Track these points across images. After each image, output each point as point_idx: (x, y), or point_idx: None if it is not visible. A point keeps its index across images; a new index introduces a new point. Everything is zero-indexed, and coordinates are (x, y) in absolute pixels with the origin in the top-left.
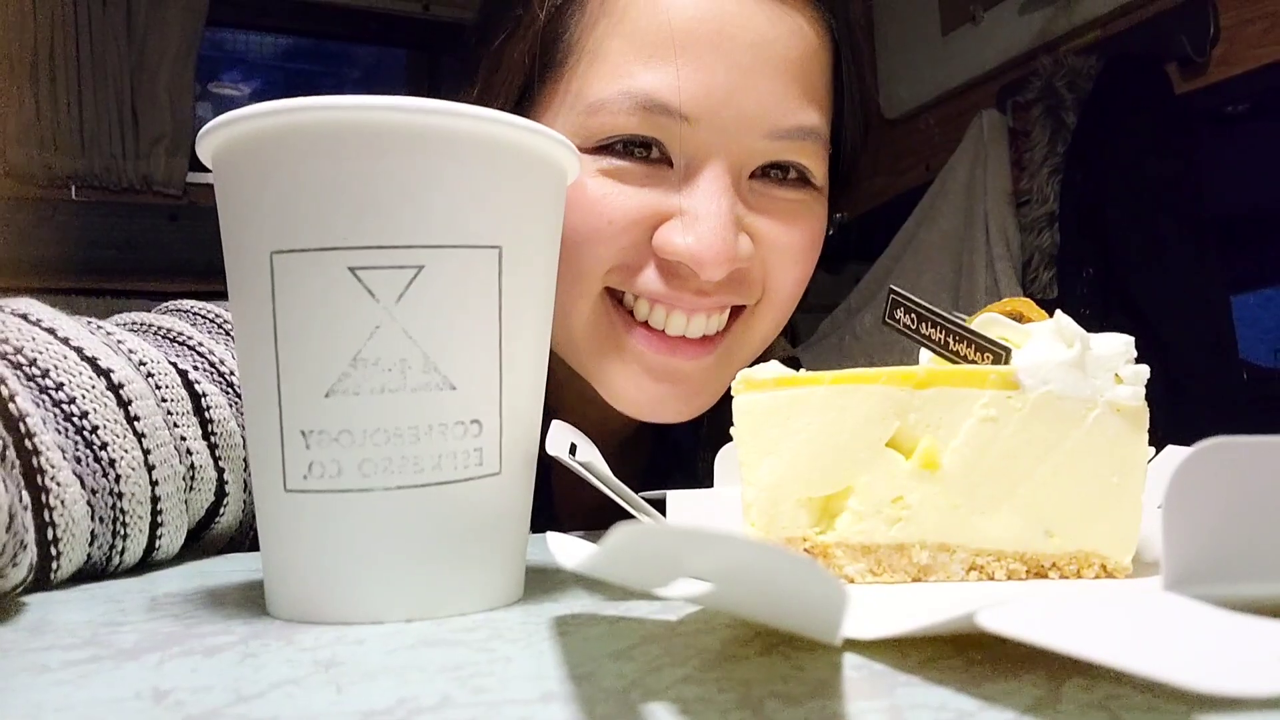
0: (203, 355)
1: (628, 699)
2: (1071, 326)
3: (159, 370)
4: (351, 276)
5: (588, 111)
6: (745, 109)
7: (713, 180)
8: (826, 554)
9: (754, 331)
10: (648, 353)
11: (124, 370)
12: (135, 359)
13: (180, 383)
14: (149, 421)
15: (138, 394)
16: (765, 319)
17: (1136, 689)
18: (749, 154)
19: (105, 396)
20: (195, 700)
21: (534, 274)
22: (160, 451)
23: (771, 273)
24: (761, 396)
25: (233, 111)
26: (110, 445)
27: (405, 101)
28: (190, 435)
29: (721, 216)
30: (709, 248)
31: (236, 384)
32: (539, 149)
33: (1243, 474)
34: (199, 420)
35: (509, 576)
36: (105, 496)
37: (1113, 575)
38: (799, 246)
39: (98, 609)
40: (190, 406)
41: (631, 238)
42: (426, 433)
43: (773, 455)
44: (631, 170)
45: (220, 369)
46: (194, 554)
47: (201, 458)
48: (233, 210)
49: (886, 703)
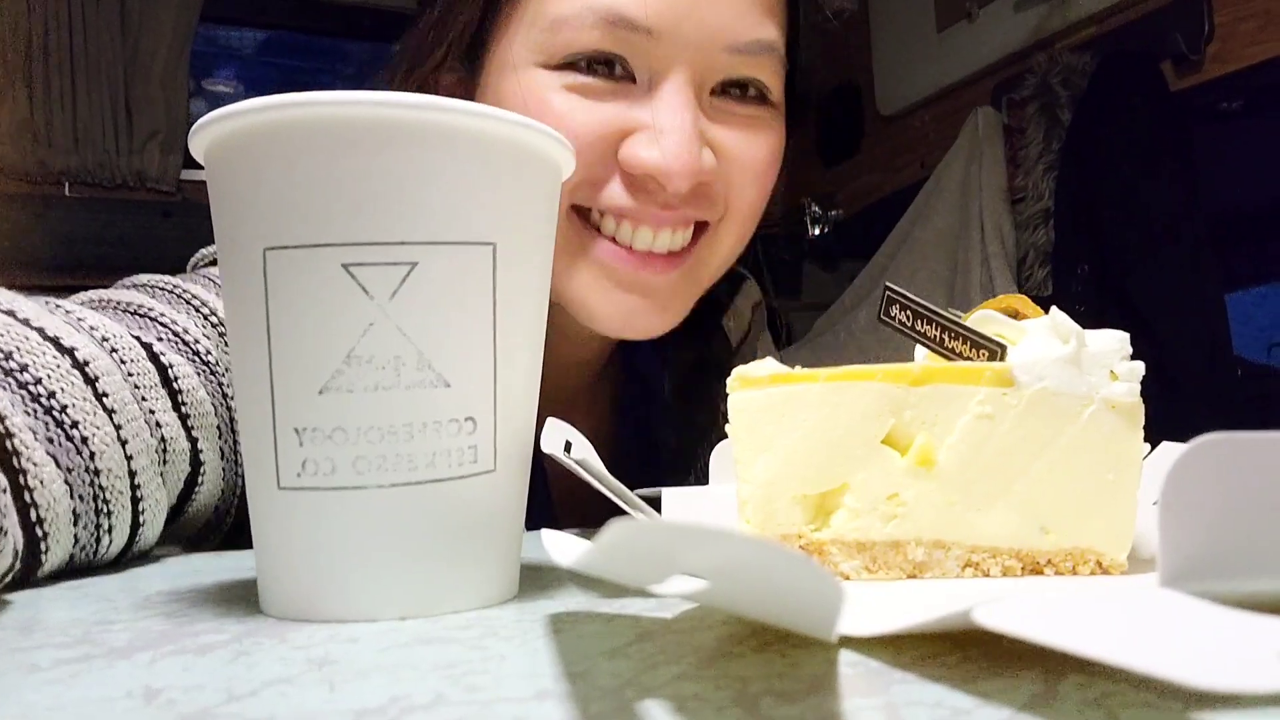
0: (165, 326)
1: (623, 697)
2: (1067, 323)
3: (122, 345)
4: (345, 273)
5: (550, 29)
6: (707, 22)
7: (676, 93)
8: (822, 551)
9: (718, 247)
10: (616, 266)
11: (88, 348)
12: (97, 335)
13: (145, 355)
14: (117, 397)
15: (103, 370)
16: (729, 235)
17: (1133, 686)
18: (711, 68)
19: (71, 375)
20: (187, 699)
21: (529, 271)
22: (131, 426)
23: (733, 186)
24: (756, 394)
25: (225, 107)
26: (81, 423)
27: (398, 97)
28: (159, 408)
29: (686, 129)
30: (675, 159)
31: (202, 353)
32: (533, 145)
33: (1239, 470)
34: (168, 392)
35: (504, 574)
36: (82, 474)
37: (1108, 572)
38: (760, 159)
39: (89, 607)
40: (157, 379)
41: (597, 153)
42: (421, 430)
43: (768, 452)
44: (595, 86)
45: (184, 338)
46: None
47: (172, 429)
48: (225, 206)
49: (882, 700)
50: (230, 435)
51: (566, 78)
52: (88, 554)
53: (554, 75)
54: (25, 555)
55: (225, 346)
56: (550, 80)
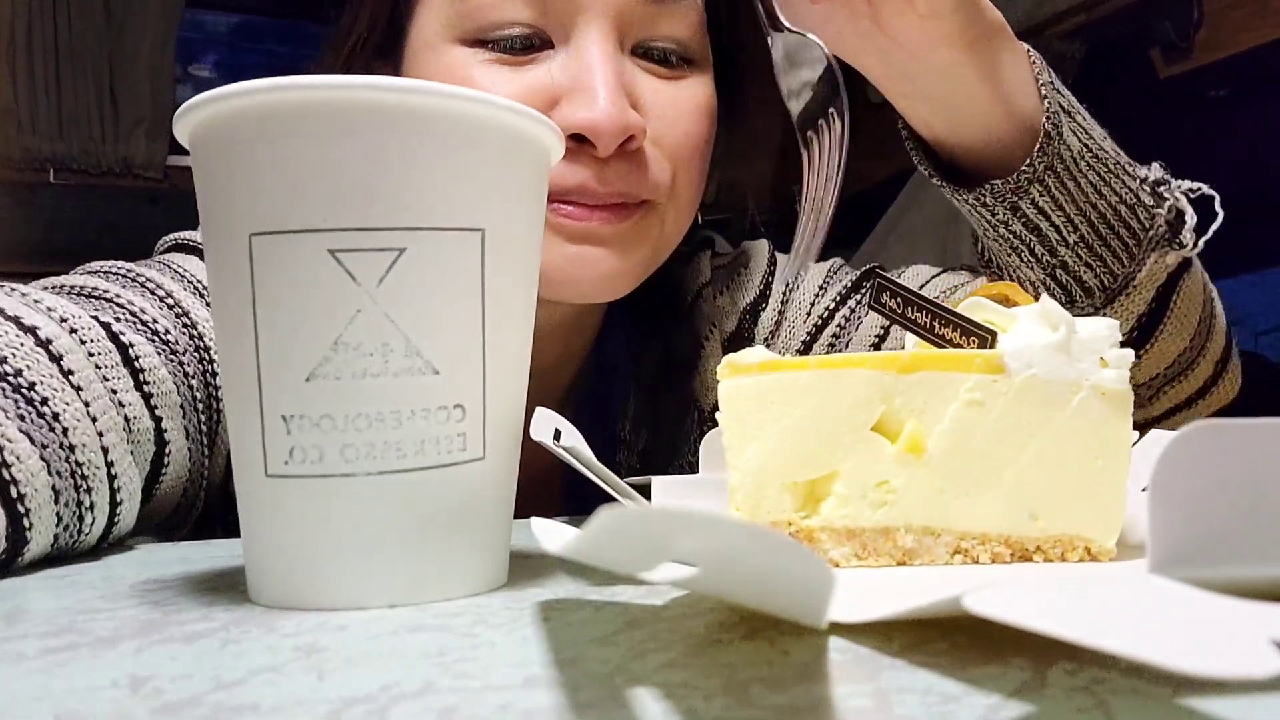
0: (122, 307)
1: (612, 684)
2: (1057, 310)
3: (81, 325)
4: (331, 259)
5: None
6: None
7: (595, 48)
8: (811, 538)
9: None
10: (564, 222)
11: (49, 327)
12: (55, 316)
13: (105, 335)
14: (83, 375)
15: (66, 349)
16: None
17: (1122, 672)
18: (627, 19)
19: (36, 353)
20: (174, 688)
21: (518, 257)
22: (99, 404)
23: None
24: (746, 381)
25: (210, 91)
26: (51, 400)
27: (384, 81)
28: (121, 388)
29: (610, 82)
30: (602, 113)
31: (161, 333)
32: (522, 130)
33: (1228, 457)
34: (129, 371)
35: (493, 562)
36: (57, 450)
37: (1097, 558)
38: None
39: (74, 596)
40: (118, 358)
41: None
42: (409, 418)
43: (757, 440)
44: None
45: (142, 318)
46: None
47: (135, 409)
48: (211, 192)
49: (871, 686)
50: (195, 415)
51: (484, 52)
52: (71, 534)
53: (471, 50)
54: (10, 534)
55: (183, 329)
56: (470, 56)
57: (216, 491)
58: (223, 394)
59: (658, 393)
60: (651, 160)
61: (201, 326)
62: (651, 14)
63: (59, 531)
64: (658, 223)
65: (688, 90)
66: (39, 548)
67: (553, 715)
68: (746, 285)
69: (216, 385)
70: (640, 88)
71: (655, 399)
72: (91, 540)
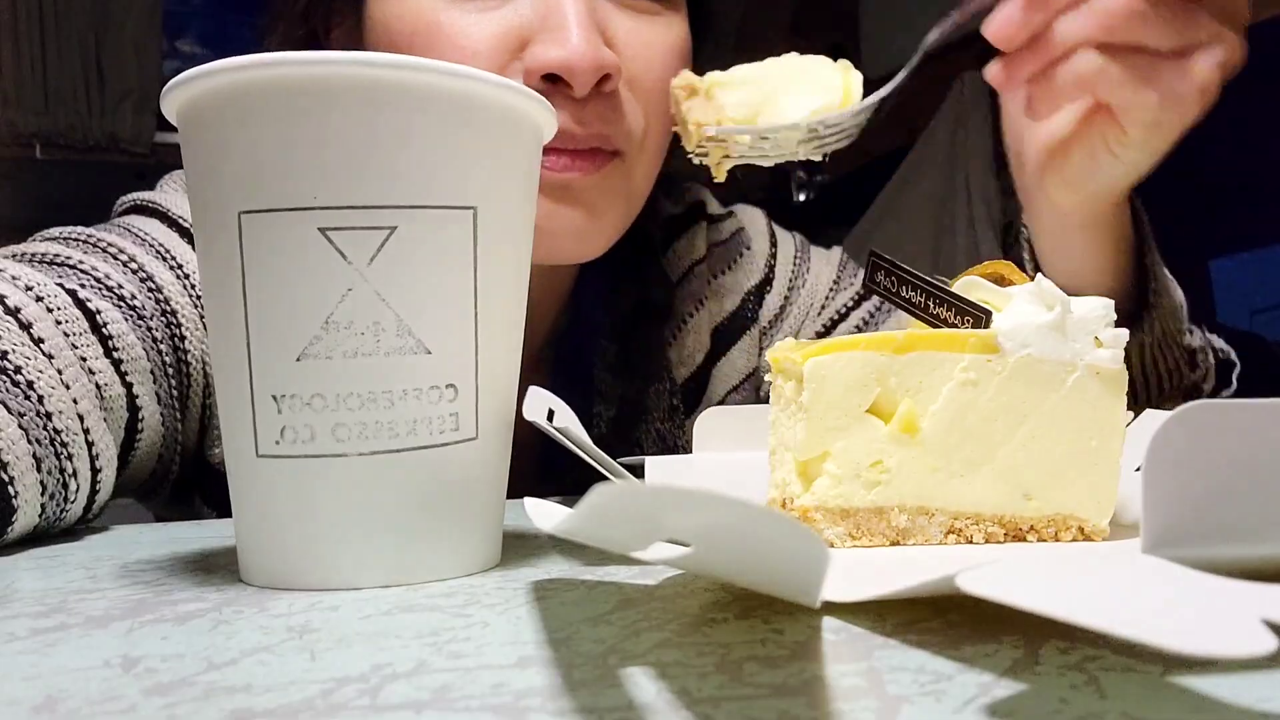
0: (86, 273)
1: (605, 663)
2: (1052, 289)
3: (47, 293)
4: (322, 237)
5: None
6: None
7: None
8: (805, 517)
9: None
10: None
11: (15, 295)
12: (20, 284)
13: (71, 303)
14: (53, 343)
15: (35, 316)
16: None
17: (1114, 651)
18: None
19: (5, 320)
20: (166, 668)
21: (510, 236)
22: (70, 371)
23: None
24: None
25: (198, 67)
26: (24, 368)
27: (374, 56)
28: (90, 355)
29: (583, 19)
30: (575, 50)
31: (128, 298)
32: (515, 107)
33: (1222, 437)
34: (98, 339)
35: (486, 542)
36: (34, 418)
37: (1090, 538)
38: (661, 50)
39: (65, 576)
40: (86, 325)
41: (500, 65)
42: (401, 397)
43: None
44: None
45: (108, 284)
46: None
47: (105, 375)
48: (199, 169)
49: (865, 665)
50: (165, 380)
51: None
52: (58, 502)
53: None
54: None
55: (149, 294)
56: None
57: (191, 458)
58: (213, 373)
59: (629, 340)
60: (625, 103)
61: (167, 290)
62: None
63: (45, 501)
64: (626, 176)
65: (662, 31)
66: (27, 518)
67: (546, 695)
68: (750, 268)
69: (185, 350)
70: (614, 25)
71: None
72: (77, 510)
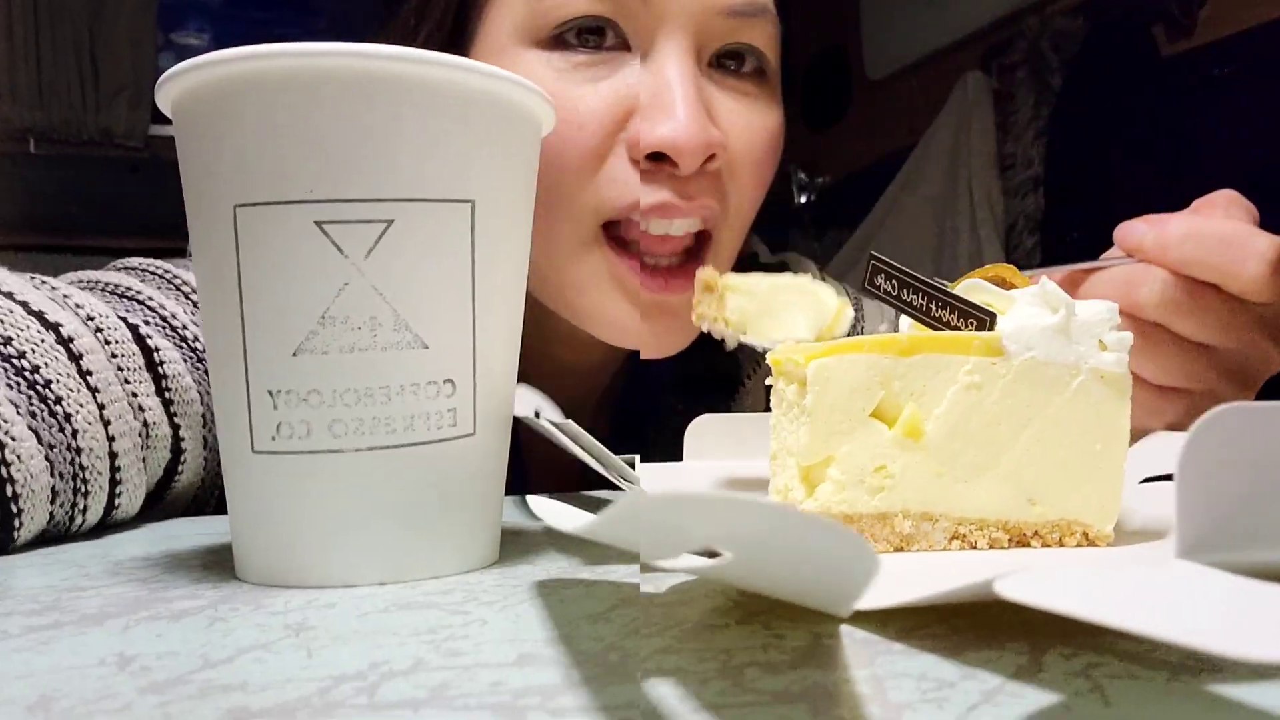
0: (154, 310)
1: (604, 662)
2: (1056, 292)
3: (108, 325)
4: (318, 231)
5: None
6: None
7: (676, 62)
8: None
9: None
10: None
11: (72, 324)
12: (83, 314)
13: (131, 338)
14: (101, 376)
15: (88, 348)
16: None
17: (1118, 656)
18: (707, 33)
19: (56, 350)
20: (161, 666)
21: (508, 230)
22: (115, 407)
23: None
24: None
25: (193, 59)
26: (65, 400)
27: (372, 48)
28: (142, 391)
29: (692, 100)
30: (685, 131)
31: (190, 339)
32: (513, 99)
33: (1254, 439)
34: (152, 376)
35: (484, 539)
36: (63, 451)
37: (1094, 544)
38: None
39: (61, 573)
40: (142, 362)
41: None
42: (398, 393)
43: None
44: (590, 61)
45: (173, 323)
46: (157, 515)
47: (155, 414)
48: (193, 161)
49: (867, 672)
50: (214, 425)
51: (559, 58)
52: (60, 529)
53: (546, 55)
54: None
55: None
56: (543, 61)
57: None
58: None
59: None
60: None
61: None
62: (732, 27)
63: (48, 526)
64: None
65: (761, 113)
66: (23, 541)
67: (545, 693)
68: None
69: None
70: (717, 106)
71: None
72: (81, 532)
